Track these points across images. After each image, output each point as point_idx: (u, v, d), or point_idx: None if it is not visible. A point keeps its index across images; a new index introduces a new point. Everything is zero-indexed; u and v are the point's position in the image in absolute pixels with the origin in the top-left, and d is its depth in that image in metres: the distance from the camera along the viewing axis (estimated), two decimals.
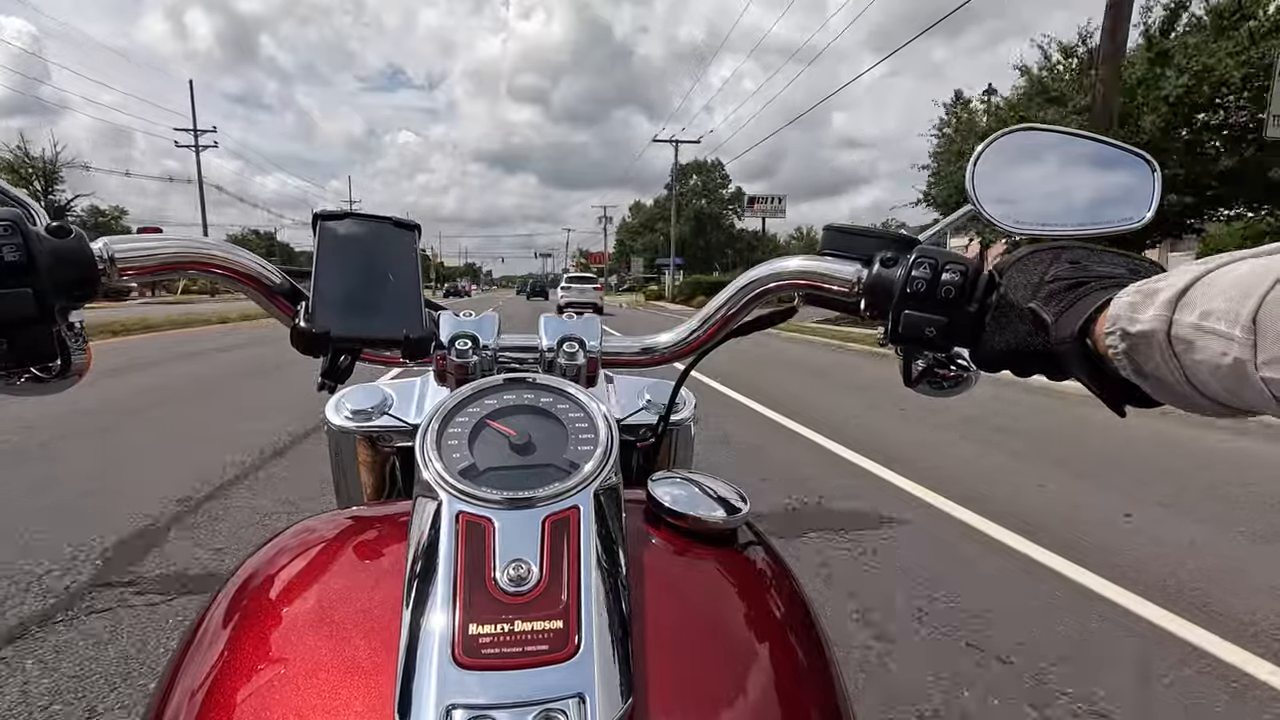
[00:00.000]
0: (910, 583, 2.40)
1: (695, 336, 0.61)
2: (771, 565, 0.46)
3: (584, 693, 0.30)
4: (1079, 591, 2.38)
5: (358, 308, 0.52)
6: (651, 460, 0.69)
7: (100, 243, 0.47)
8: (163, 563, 2.47)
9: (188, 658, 0.37)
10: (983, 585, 2.41)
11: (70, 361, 0.46)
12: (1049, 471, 3.83)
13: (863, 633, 2.05)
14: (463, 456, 0.41)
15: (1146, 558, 2.64)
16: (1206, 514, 3.18)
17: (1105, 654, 1.99)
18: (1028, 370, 0.45)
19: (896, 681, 1.81)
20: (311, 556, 0.43)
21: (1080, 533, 2.90)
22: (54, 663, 1.84)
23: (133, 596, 2.21)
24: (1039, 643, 2.01)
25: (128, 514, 2.92)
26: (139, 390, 6.21)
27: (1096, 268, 0.42)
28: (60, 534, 2.69)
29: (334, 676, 0.33)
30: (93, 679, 1.77)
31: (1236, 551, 2.74)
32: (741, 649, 0.38)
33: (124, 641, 1.94)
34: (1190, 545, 2.79)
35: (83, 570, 2.38)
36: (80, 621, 2.05)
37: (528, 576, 0.34)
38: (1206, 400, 0.34)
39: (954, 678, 1.82)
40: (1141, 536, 2.88)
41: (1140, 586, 2.39)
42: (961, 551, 2.72)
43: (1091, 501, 3.34)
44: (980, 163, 0.53)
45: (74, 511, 2.97)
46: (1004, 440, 4.59)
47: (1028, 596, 2.34)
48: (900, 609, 2.21)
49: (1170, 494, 3.45)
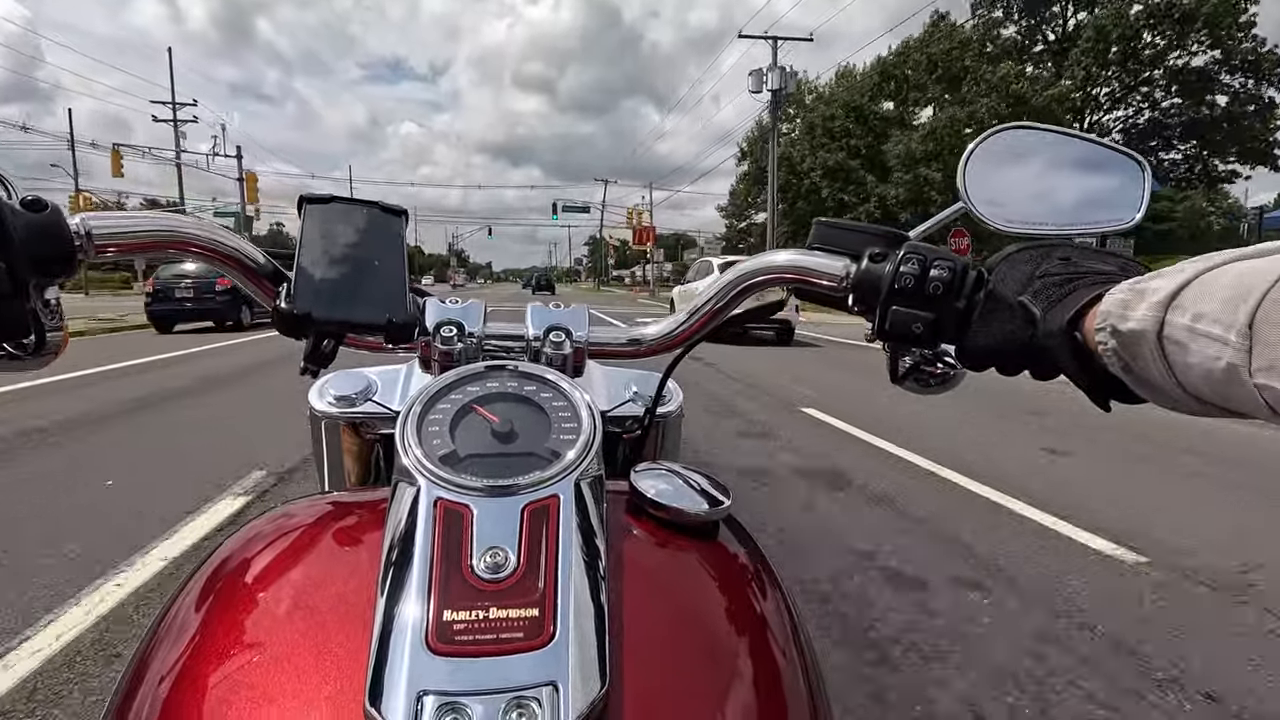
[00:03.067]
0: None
1: (684, 328, 0.61)
2: (752, 559, 0.46)
3: (557, 681, 0.30)
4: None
5: (341, 291, 0.51)
6: (638, 452, 0.69)
7: (78, 218, 0.46)
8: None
9: (156, 642, 0.37)
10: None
11: (45, 339, 0.45)
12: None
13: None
14: (443, 443, 0.40)
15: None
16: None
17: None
18: (1014, 368, 0.45)
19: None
20: (288, 542, 0.42)
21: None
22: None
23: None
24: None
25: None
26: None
27: (1088, 265, 0.42)
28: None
29: (305, 662, 0.32)
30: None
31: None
32: (719, 641, 0.38)
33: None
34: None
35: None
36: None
37: (505, 564, 0.34)
38: (1194, 401, 0.33)
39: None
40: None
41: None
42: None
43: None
44: (971, 161, 0.53)
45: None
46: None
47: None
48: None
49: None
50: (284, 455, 3.59)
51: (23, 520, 2.71)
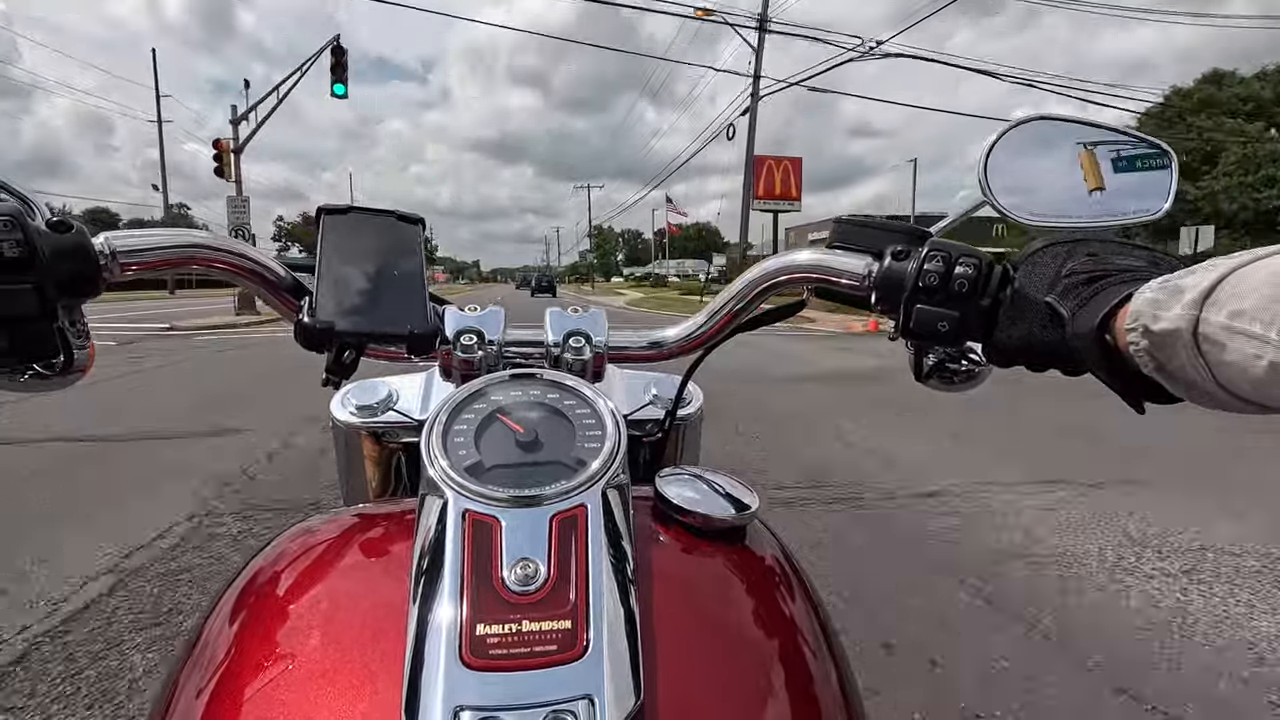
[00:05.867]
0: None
1: (703, 330, 0.61)
2: (781, 563, 0.46)
3: (593, 694, 0.30)
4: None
5: (362, 303, 0.51)
6: (659, 455, 0.69)
7: (102, 237, 0.46)
8: None
9: (193, 659, 0.37)
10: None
11: (73, 358, 0.46)
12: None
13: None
14: (469, 453, 0.40)
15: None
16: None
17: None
18: (1042, 365, 0.44)
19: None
20: (316, 556, 0.42)
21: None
22: None
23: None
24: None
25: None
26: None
27: (1116, 260, 0.41)
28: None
29: (340, 678, 0.32)
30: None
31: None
32: (751, 649, 0.38)
33: None
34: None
35: None
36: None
37: (535, 576, 0.33)
38: (1236, 399, 0.33)
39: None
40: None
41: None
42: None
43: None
44: (993, 153, 0.52)
45: None
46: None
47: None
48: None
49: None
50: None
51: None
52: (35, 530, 2.72)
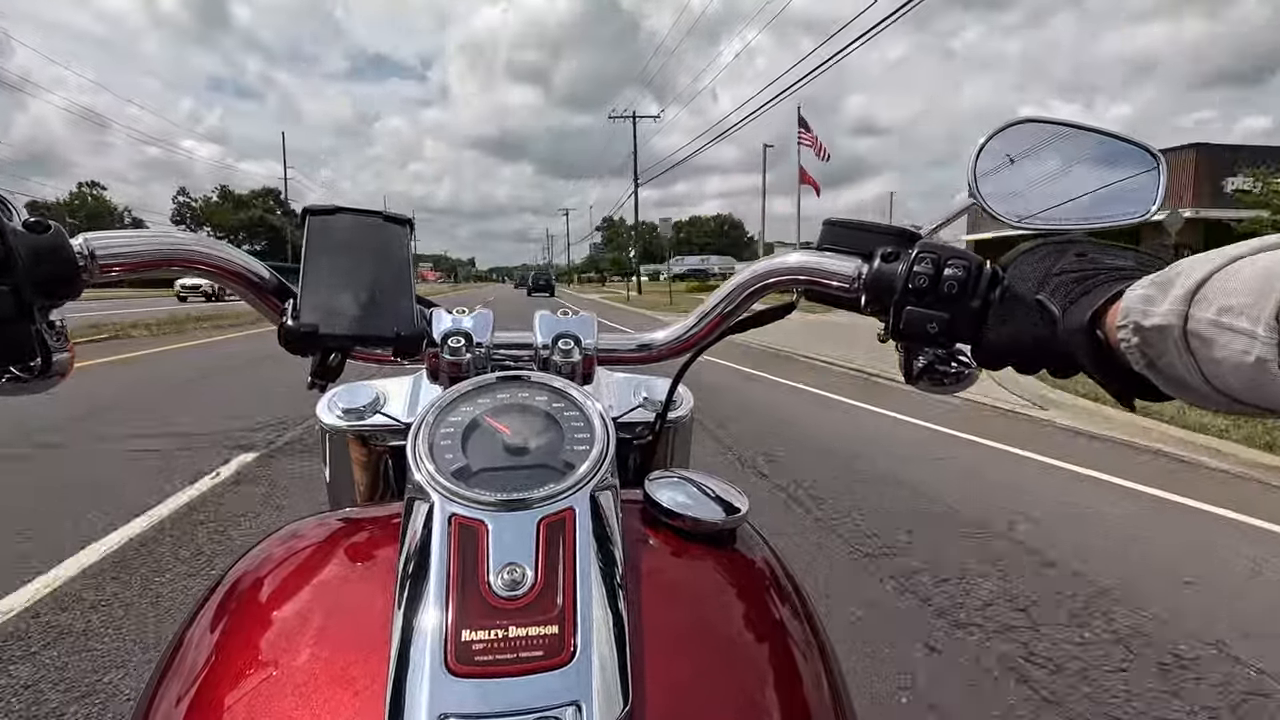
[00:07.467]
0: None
1: (693, 333, 0.60)
2: (771, 566, 0.46)
3: (580, 700, 0.30)
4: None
5: (347, 305, 0.51)
6: (648, 458, 0.68)
7: (80, 238, 0.45)
8: None
9: (174, 666, 0.36)
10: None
11: (51, 361, 0.45)
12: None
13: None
14: (455, 457, 0.40)
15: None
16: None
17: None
18: (1032, 366, 0.44)
19: None
20: (301, 561, 0.42)
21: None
22: None
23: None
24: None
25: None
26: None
27: (1105, 260, 0.41)
28: None
29: (323, 685, 0.32)
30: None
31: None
32: (741, 653, 0.38)
33: None
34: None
35: None
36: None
37: (522, 580, 0.33)
38: (1224, 397, 0.32)
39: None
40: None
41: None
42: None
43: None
44: (982, 155, 0.52)
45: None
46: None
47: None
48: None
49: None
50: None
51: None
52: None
